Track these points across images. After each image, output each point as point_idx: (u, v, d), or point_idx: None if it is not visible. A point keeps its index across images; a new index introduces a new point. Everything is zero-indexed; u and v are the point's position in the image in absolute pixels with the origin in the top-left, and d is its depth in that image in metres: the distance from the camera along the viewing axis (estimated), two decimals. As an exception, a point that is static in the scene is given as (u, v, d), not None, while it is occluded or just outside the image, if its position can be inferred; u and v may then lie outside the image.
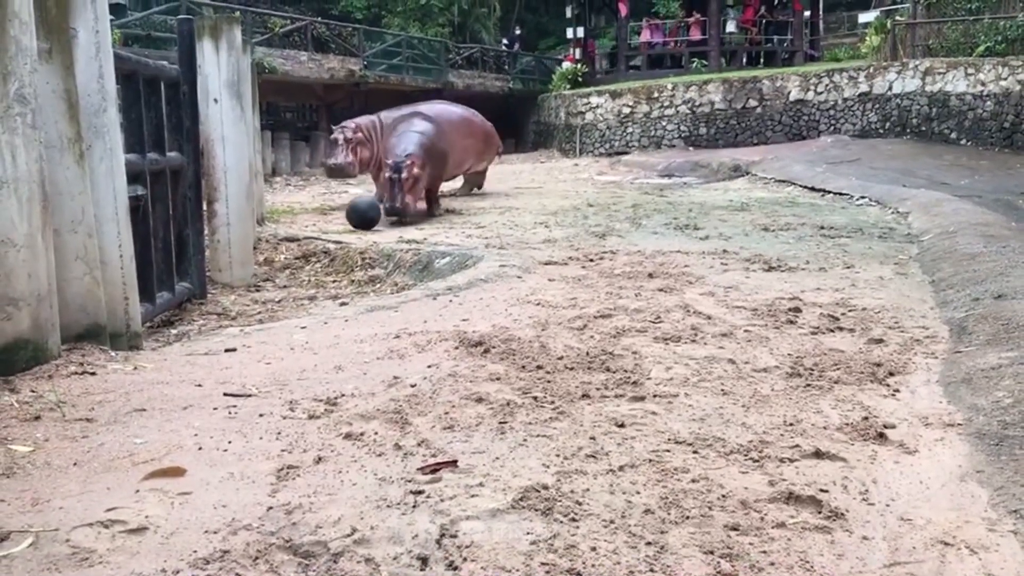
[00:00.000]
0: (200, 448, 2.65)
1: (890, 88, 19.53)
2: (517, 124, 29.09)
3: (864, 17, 26.56)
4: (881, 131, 19.58)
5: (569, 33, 29.25)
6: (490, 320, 4.55)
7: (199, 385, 3.36)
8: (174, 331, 5.39)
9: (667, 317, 4.60)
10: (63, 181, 3.78)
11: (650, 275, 5.98)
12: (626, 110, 22.48)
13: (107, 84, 4.16)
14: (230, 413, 2.99)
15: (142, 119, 5.26)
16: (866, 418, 2.99)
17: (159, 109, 5.59)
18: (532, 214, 10.54)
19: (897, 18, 21.28)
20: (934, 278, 5.80)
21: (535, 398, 3.20)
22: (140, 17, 17.59)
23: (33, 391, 3.17)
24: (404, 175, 9.80)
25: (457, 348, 3.92)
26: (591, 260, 6.80)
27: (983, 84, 17.49)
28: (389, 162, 10.18)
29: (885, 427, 2.90)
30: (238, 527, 2.10)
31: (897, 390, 3.37)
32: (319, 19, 23.90)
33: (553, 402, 3.15)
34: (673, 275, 5.98)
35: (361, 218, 9.56)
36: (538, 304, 4.99)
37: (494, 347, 3.90)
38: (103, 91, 4.12)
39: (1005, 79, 16.99)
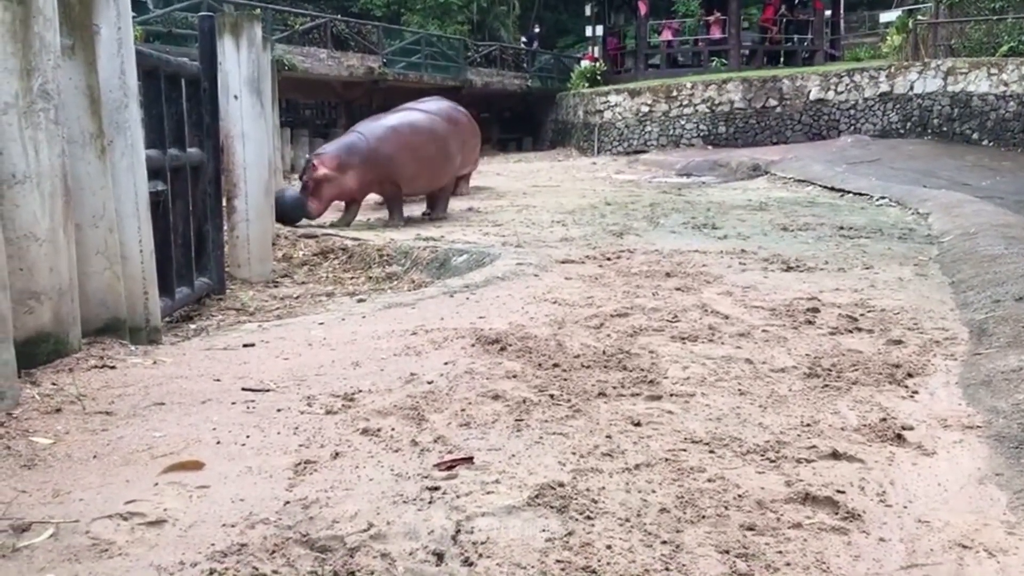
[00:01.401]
0: (218, 442, 2.67)
1: (911, 88, 19.39)
2: (535, 122, 29.11)
3: (885, 16, 26.43)
4: (902, 131, 19.44)
5: (588, 31, 29.21)
6: (507, 318, 4.56)
7: (217, 380, 3.39)
8: (193, 326, 5.42)
9: (684, 316, 4.59)
10: (85, 176, 3.81)
11: (668, 274, 5.96)
12: (645, 109, 22.42)
13: (129, 80, 4.19)
14: (248, 408, 3.01)
15: (163, 115, 5.29)
16: (884, 419, 2.98)
17: (180, 105, 5.62)
18: (549, 212, 10.53)
19: (919, 17, 21.13)
20: (954, 279, 5.76)
21: (551, 396, 3.20)
22: (162, 14, 17.71)
23: (54, 384, 3.20)
24: (305, 177, 9.39)
25: (474, 345, 3.93)
26: (608, 259, 6.79)
27: (1006, 84, 17.33)
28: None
29: (903, 429, 2.89)
30: (255, 521, 2.11)
31: (916, 391, 3.35)
32: (339, 17, 24.00)
33: (569, 400, 3.15)
34: (691, 274, 5.96)
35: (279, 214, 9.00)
36: (555, 302, 4.99)
37: (511, 345, 3.91)
38: (125, 87, 4.15)
39: (1029, 79, 16.84)
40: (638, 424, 2.90)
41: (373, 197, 10.55)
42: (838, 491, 2.38)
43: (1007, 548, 2.06)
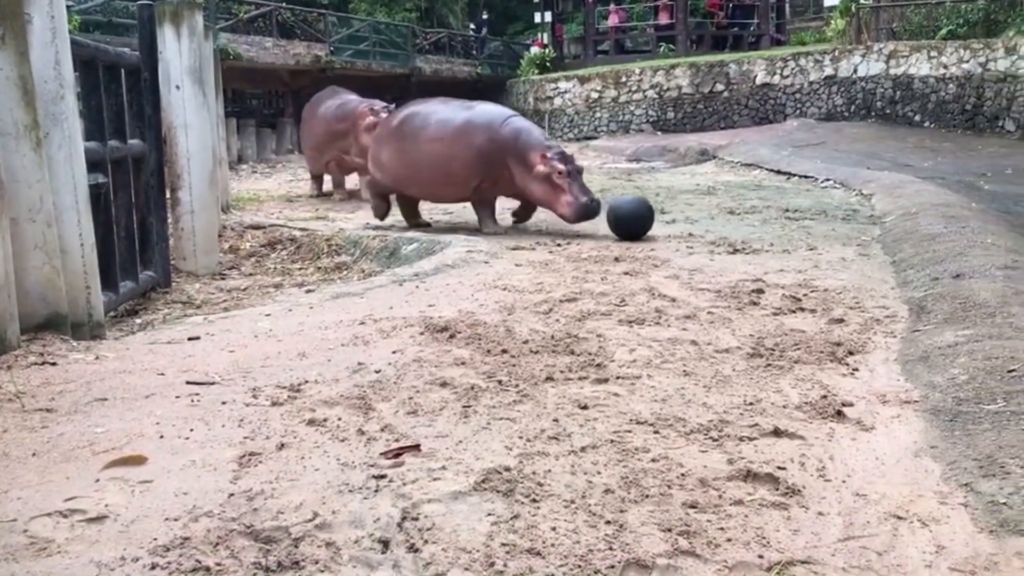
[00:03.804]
0: (162, 436, 2.64)
1: (855, 71, 19.69)
2: (486, 110, 28.97)
3: (829, 0, 26.71)
4: (846, 114, 19.74)
5: (537, 18, 29.20)
6: (456, 305, 4.56)
7: (161, 374, 3.35)
8: (138, 320, 5.34)
9: (632, 300, 4.63)
10: (20, 169, 3.73)
11: (616, 259, 6.01)
12: (594, 95, 22.49)
13: (64, 70, 4.10)
14: (192, 401, 2.98)
15: (102, 106, 5.19)
16: (825, 396, 3.04)
17: (119, 96, 5.53)
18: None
19: (862, 1, 21.42)
20: (895, 258, 5.88)
21: (499, 382, 3.21)
22: (101, 2, 17.32)
23: (-8, 382, 3.14)
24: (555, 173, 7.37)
25: (423, 334, 3.92)
26: (558, 245, 6.83)
27: (945, 67, 17.67)
28: (550, 152, 7.45)
29: (843, 405, 2.95)
30: (199, 514, 2.10)
31: (856, 369, 3.42)
32: (284, 4, 23.64)
33: (517, 385, 3.17)
34: (639, 259, 6.01)
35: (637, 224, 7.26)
36: (505, 289, 5.00)
37: (460, 332, 3.91)
38: (60, 78, 4.06)
39: (967, 62, 17.18)
40: (585, 407, 2.93)
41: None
42: (779, 467, 2.43)
43: (939, 518, 2.12)
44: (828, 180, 11.59)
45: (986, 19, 18.21)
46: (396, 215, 8.65)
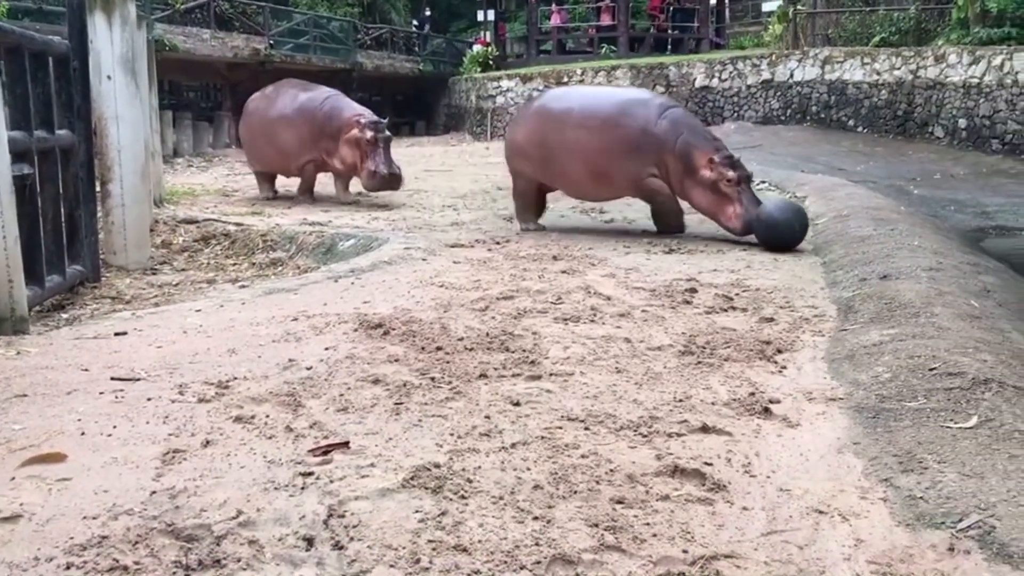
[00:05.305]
0: (83, 433, 2.57)
1: (791, 76, 20.02)
2: (428, 107, 28.91)
3: (768, 6, 27.14)
4: (783, 118, 20.05)
5: (480, 16, 29.15)
6: (392, 302, 4.53)
7: (85, 369, 3.26)
8: (65, 315, 5.20)
9: (568, 298, 4.65)
10: (-63, 158, 3.61)
11: (554, 257, 6.03)
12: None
13: (-14, 57, 3.98)
14: (116, 397, 2.91)
15: (28, 95, 5.05)
16: (752, 394, 3.09)
17: (47, 85, 5.38)
18: (441, 197, 10.49)
19: (799, 7, 21.81)
20: (826, 259, 6.00)
21: (432, 379, 3.20)
22: (31, -11, 16.82)
23: (-96, 378, 3.03)
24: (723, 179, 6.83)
25: (356, 330, 3.89)
26: (497, 243, 6.83)
27: (878, 73, 18.06)
28: (718, 155, 6.93)
29: (770, 402, 3.00)
30: (119, 512, 2.05)
31: (784, 367, 3.48)
32: (223, -4, 23.24)
33: (450, 382, 3.16)
34: (577, 257, 6.05)
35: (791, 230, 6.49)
36: (442, 286, 4.99)
37: (394, 329, 3.89)
38: (-19, 64, 3.94)
39: (899, 69, 17.59)
40: (517, 404, 2.93)
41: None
42: (706, 463, 2.46)
43: (859, 512, 2.17)
44: (764, 182, 11.75)
45: (917, 28, 18.71)
46: (330, 212, 8.55)
